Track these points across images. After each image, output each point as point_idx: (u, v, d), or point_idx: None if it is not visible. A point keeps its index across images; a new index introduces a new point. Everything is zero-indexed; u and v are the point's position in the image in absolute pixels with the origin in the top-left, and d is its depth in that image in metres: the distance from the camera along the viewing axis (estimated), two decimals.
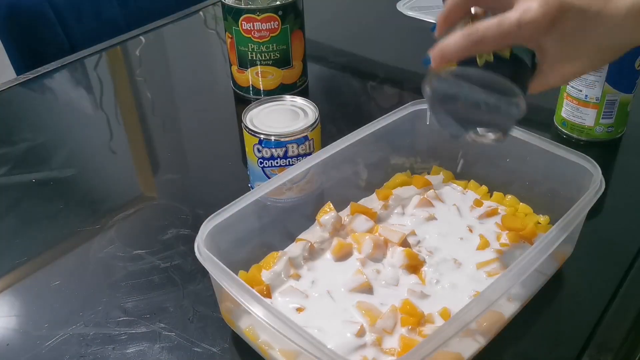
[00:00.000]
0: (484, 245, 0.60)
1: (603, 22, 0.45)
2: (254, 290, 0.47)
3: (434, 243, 0.61)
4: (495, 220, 0.63)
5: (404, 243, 0.60)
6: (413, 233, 0.62)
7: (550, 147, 0.61)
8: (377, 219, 0.64)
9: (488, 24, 0.45)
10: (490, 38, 0.45)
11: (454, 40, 0.46)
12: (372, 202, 0.67)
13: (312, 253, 0.60)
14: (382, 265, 0.59)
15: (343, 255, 0.60)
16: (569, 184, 0.59)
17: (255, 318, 0.46)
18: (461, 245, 0.61)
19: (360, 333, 0.51)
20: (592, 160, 0.58)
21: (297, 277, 0.58)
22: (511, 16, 0.45)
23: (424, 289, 0.56)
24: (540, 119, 0.83)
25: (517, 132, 0.62)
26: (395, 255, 0.59)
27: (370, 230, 0.62)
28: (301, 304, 0.55)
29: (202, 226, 0.53)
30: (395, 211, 0.66)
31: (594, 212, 0.55)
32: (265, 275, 0.57)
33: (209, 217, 0.53)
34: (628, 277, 0.60)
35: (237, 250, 0.56)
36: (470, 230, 0.62)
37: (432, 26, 0.50)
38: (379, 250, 0.59)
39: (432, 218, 0.64)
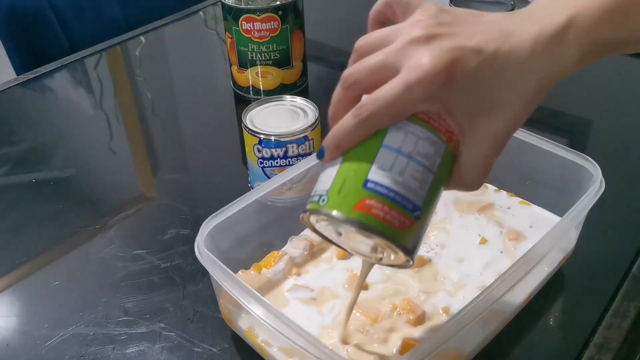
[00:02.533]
0: (484, 244, 0.60)
1: (508, 61, 0.37)
2: (254, 290, 0.47)
3: (435, 241, 0.61)
4: (495, 219, 0.63)
5: None
6: None
7: (551, 147, 0.61)
8: None
9: (375, 96, 0.37)
10: (382, 111, 0.37)
11: (344, 124, 0.39)
12: None
13: (313, 252, 0.60)
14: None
15: (346, 255, 0.60)
16: (569, 184, 0.59)
17: (255, 318, 0.46)
18: (462, 244, 0.61)
19: (362, 332, 0.51)
20: (592, 160, 0.58)
21: (298, 275, 0.58)
22: (396, 81, 0.37)
23: (426, 287, 0.56)
24: (541, 119, 0.83)
25: (518, 132, 0.62)
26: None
27: None
28: (302, 304, 0.55)
29: (202, 226, 0.53)
30: None
31: (594, 212, 0.55)
32: (266, 275, 0.57)
33: (209, 217, 0.53)
34: (628, 277, 0.60)
35: (237, 250, 0.56)
36: (471, 229, 0.62)
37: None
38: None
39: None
